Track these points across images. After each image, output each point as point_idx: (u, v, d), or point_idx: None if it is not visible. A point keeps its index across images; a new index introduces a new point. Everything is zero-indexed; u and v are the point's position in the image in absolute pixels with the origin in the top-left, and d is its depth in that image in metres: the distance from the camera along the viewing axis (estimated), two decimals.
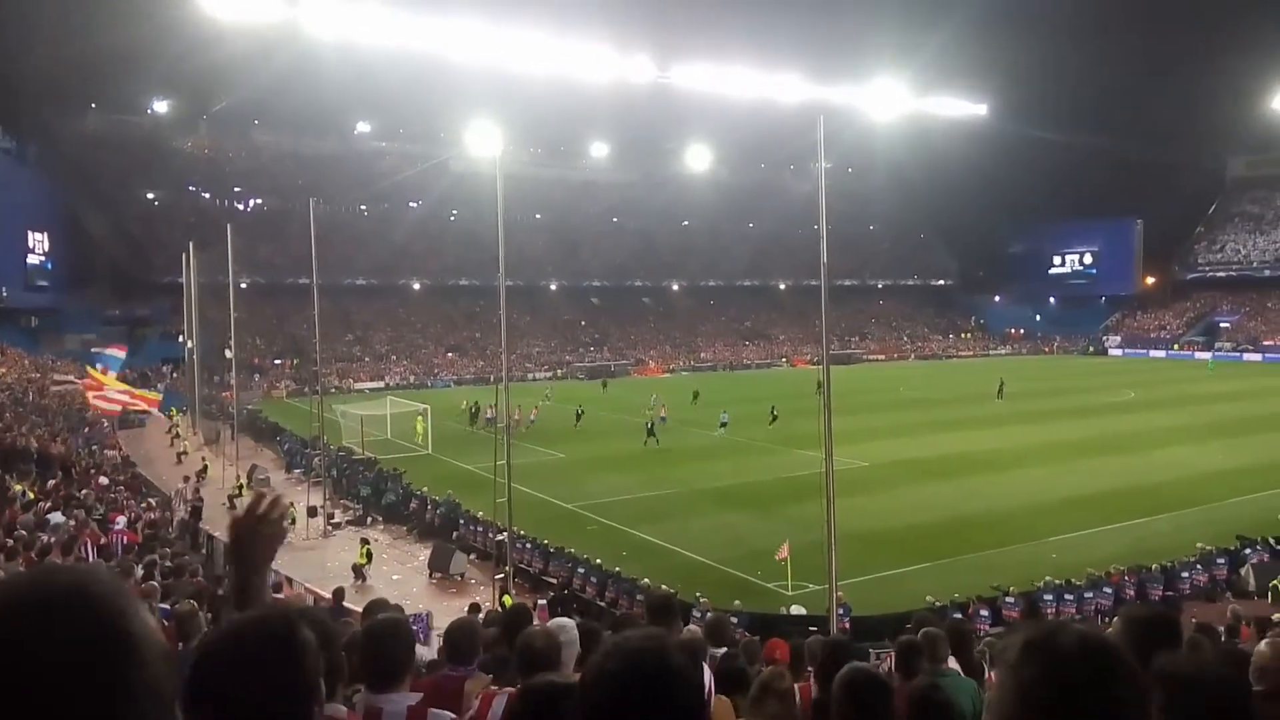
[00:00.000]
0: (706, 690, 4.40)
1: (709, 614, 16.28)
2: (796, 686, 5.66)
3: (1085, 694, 1.48)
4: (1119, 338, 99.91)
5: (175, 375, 62.62)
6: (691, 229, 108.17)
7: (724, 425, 42.78)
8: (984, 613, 18.47)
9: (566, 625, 4.91)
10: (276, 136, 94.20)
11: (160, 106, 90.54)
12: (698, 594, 19.05)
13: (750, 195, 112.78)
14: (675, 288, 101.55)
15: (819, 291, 16.82)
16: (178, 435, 44.72)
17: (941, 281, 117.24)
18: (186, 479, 31.91)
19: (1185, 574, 20.84)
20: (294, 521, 28.41)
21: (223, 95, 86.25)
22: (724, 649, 7.00)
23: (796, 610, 19.41)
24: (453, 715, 3.08)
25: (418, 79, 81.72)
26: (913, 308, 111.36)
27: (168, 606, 8.72)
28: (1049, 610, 18.92)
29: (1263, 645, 3.99)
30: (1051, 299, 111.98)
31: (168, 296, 66.93)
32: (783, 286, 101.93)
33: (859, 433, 37.40)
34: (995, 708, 1.56)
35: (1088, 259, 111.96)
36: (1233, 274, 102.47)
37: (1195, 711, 2.13)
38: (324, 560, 25.55)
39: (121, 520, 20.71)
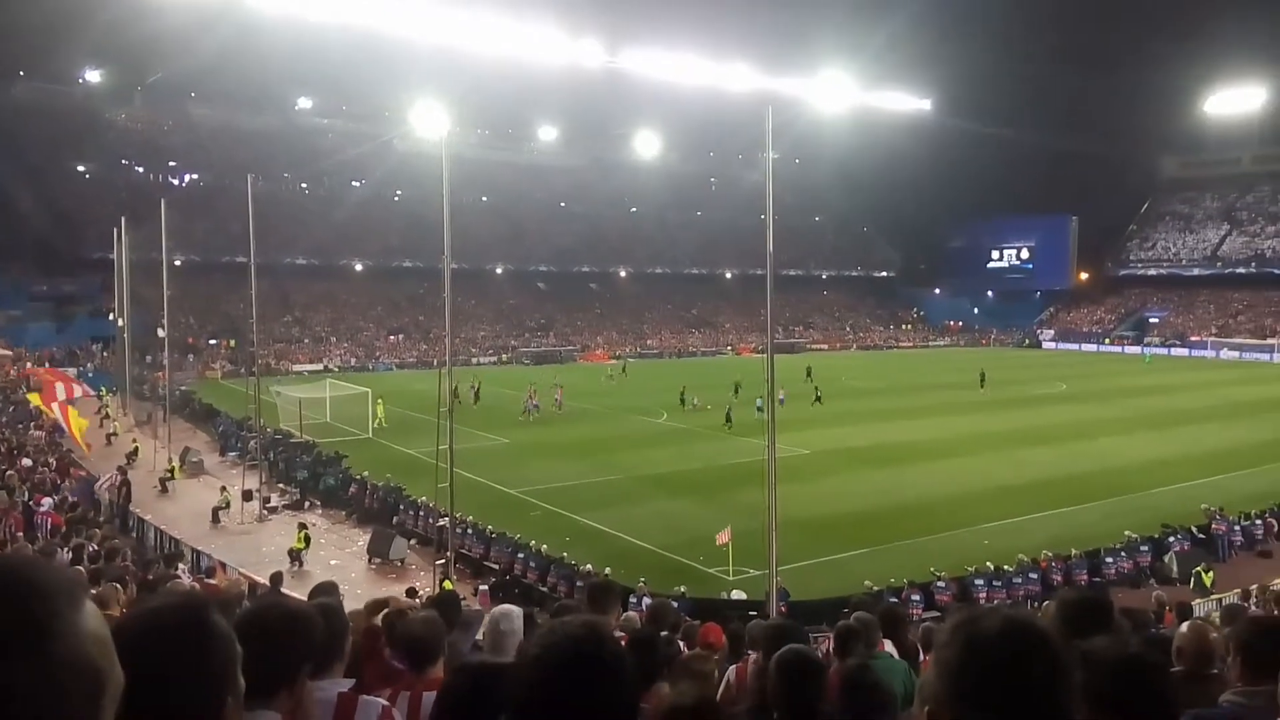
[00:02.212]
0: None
1: (645, 598, 16.41)
2: (734, 668, 5.72)
3: (1003, 674, 1.51)
4: (1053, 331, 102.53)
5: (106, 354, 60.82)
6: (639, 216, 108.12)
7: (760, 410, 43.32)
8: (915, 597, 18.87)
9: (510, 613, 4.81)
10: (214, 110, 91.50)
11: (93, 76, 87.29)
12: (641, 579, 19.12)
13: (698, 184, 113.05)
14: (622, 274, 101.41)
15: (765, 280, 16.96)
16: (108, 416, 43.49)
17: (884, 273, 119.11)
18: (121, 468, 30.96)
19: (1110, 560, 21.57)
20: (228, 505, 27.87)
21: (159, 66, 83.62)
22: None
23: (737, 595, 19.64)
24: (385, 703, 3.02)
25: (362, 55, 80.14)
26: (855, 298, 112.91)
27: None
28: (980, 595, 19.44)
29: (1183, 628, 4.13)
30: (989, 292, 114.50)
31: (98, 273, 64.73)
32: (729, 275, 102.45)
33: (801, 421, 37.85)
34: (925, 688, 1.58)
35: (1024, 254, 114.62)
36: (1163, 271, 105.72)
37: (1114, 690, 2.19)
38: (259, 545, 25.10)
39: (47, 502, 20.11)
